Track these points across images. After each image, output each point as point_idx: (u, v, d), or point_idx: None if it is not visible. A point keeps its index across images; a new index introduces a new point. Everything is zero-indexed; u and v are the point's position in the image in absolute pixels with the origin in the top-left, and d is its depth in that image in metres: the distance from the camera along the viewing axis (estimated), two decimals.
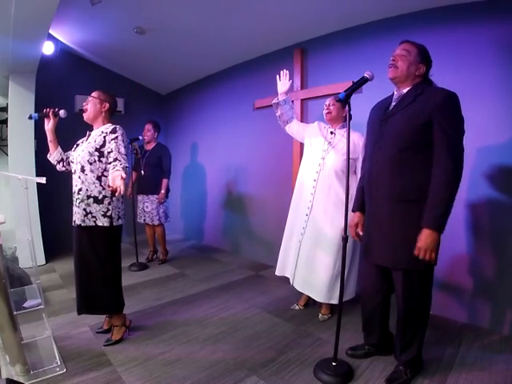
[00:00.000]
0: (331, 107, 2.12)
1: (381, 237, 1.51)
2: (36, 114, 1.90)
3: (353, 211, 1.75)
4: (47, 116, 1.89)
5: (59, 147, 1.95)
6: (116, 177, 1.54)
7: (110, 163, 1.74)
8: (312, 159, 2.15)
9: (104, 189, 1.78)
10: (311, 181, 2.12)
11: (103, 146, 1.78)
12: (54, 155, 1.93)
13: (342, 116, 2.13)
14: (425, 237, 1.34)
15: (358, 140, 2.03)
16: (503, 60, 1.99)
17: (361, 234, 1.69)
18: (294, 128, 2.28)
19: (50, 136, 1.91)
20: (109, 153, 1.76)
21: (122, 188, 1.49)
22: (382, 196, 1.49)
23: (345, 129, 2.12)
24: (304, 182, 2.18)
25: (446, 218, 1.34)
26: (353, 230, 1.73)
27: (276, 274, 2.33)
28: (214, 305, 2.47)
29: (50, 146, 1.93)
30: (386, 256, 1.49)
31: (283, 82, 2.18)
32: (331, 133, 2.14)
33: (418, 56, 1.45)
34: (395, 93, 1.54)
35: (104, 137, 1.79)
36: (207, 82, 4.24)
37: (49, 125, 1.90)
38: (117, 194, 1.52)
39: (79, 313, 1.86)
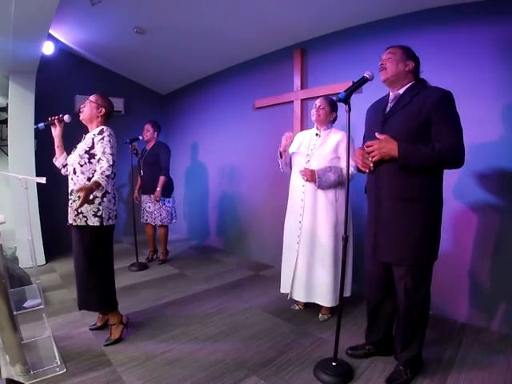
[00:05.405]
0: (320, 111, 2.11)
1: (385, 235, 1.54)
2: (42, 124, 1.96)
3: None
4: (53, 124, 1.95)
5: (65, 153, 2.01)
6: (83, 189, 1.58)
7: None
8: (299, 164, 2.16)
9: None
10: (300, 186, 2.14)
11: (92, 147, 1.83)
12: (59, 159, 2.00)
13: (330, 120, 2.15)
14: (389, 142, 1.40)
15: (342, 138, 2.04)
16: (502, 60, 1.99)
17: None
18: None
19: (57, 142, 1.98)
20: (96, 155, 1.81)
21: (78, 203, 1.56)
22: (385, 196, 1.52)
23: (329, 130, 2.14)
24: (295, 188, 2.21)
25: (413, 160, 1.38)
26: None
27: (281, 291, 2.29)
28: (214, 305, 2.47)
29: (57, 150, 2.00)
30: (390, 253, 1.53)
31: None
32: (316, 134, 2.16)
33: (404, 54, 1.52)
34: (391, 94, 1.58)
35: (92, 139, 1.84)
36: (207, 82, 4.24)
37: (56, 131, 1.97)
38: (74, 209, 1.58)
39: (80, 308, 1.93)
